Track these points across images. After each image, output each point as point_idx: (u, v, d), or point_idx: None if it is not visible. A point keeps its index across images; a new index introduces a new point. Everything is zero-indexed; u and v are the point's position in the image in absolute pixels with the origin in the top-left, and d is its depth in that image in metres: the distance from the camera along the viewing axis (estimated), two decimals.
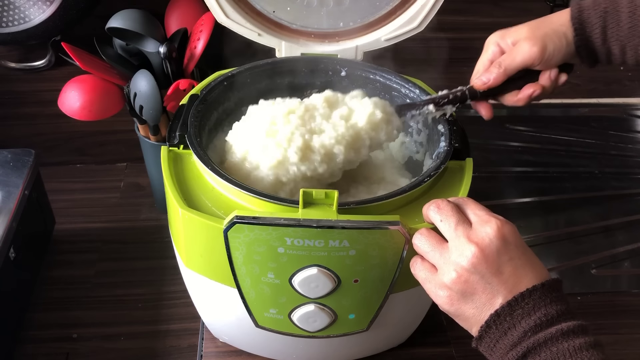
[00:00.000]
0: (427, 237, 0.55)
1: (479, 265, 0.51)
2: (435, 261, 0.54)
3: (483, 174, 1.06)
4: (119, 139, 1.05)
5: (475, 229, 0.52)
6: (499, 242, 0.51)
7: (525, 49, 0.65)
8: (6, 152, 0.84)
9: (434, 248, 0.54)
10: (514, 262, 0.51)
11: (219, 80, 0.74)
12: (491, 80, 0.67)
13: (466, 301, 0.52)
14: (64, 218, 0.95)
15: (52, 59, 0.96)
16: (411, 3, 0.78)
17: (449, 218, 0.54)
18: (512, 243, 0.52)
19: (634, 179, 1.08)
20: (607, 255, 0.92)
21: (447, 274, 0.52)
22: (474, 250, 0.51)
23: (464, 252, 0.52)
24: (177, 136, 0.66)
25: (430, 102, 0.69)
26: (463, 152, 0.66)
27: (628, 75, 1.17)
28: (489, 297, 0.51)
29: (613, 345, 0.79)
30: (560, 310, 0.50)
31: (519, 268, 0.51)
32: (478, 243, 0.51)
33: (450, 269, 0.52)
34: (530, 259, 0.52)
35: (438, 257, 0.54)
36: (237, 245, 0.58)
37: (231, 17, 0.78)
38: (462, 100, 0.68)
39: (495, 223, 0.52)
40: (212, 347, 0.77)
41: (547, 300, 0.50)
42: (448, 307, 0.53)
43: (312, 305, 0.62)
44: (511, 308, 0.50)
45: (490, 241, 0.51)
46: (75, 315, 0.82)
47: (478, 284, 0.51)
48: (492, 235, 0.51)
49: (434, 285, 0.54)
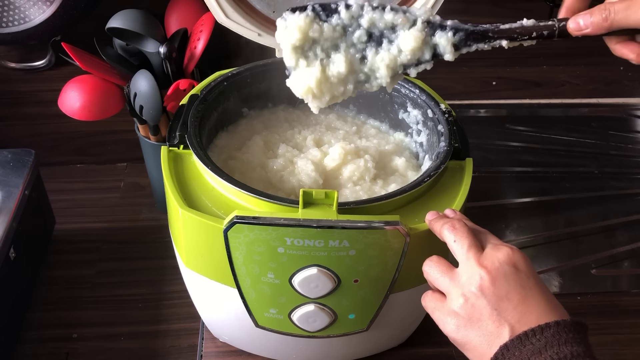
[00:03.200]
0: (437, 264, 0.54)
1: (486, 289, 0.50)
2: (445, 287, 0.53)
3: (483, 174, 1.06)
4: (119, 139, 1.05)
5: (486, 254, 0.51)
6: (509, 268, 0.50)
7: None
8: (6, 152, 0.84)
9: (444, 274, 0.53)
10: (523, 291, 0.49)
11: (219, 80, 0.74)
12: (589, 29, 0.53)
13: (472, 328, 0.50)
14: (64, 218, 0.95)
15: (52, 59, 0.96)
16: (411, 3, 0.78)
17: (462, 239, 0.52)
18: (523, 272, 0.50)
19: (634, 179, 1.08)
20: (607, 255, 0.92)
21: (456, 300, 0.51)
22: (482, 274, 0.50)
23: (473, 275, 0.50)
24: (177, 136, 0.66)
25: (505, 37, 0.56)
26: (463, 152, 0.66)
27: (628, 76, 1.17)
28: (496, 324, 0.49)
29: (613, 345, 0.79)
30: (575, 352, 0.46)
31: (529, 298, 0.49)
32: (487, 267, 0.50)
33: (459, 293, 0.51)
34: (543, 292, 0.50)
35: (447, 282, 0.53)
36: (237, 245, 0.58)
37: (231, 17, 0.78)
38: (549, 37, 0.55)
39: (507, 250, 0.51)
40: (212, 347, 0.77)
41: (562, 340, 0.47)
42: (455, 334, 0.52)
43: (312, 305, 0.62)
44: (521, 342, 0.47)
45: (499, 265, 0.50)
46: (75, 315, 0.82)
47: (485, 309, 0.50)
48: (502, 260, 0.50)
49: (442, 313, 0.53)
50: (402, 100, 0.76)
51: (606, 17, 0.51)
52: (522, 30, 0.56)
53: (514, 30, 0.56)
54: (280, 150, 0.72)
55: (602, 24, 0.52)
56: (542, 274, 0.89)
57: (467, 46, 0.57)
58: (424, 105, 0.73)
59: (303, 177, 0.68)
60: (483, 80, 1.14)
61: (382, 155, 0.74)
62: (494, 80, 1.14)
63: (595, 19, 0.52)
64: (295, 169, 0.69)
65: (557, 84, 1.16)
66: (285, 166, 0.70)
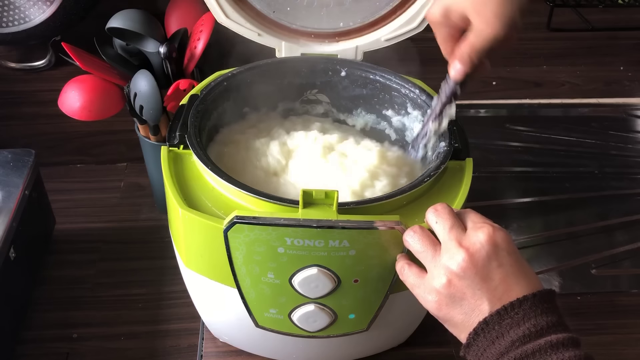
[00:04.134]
0: (421, 236, 0.54)
1: (468, 270, 0.50)
2: (426, 263, 0.54)
3: (483, 174, 1.06)
4: (119, 139, 1.05)
5: (467, 234, 0.52)
6: (490, 248, 0.51)
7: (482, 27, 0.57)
8: (6, 152, 0.84)
9: (426, 249, 0.54)
10: (504, 269, 0.51)
11: (219, 80, 0.74)
12: (468, 67, 0.60)
13: (455, 306, 0.52)
14: (64, 218, 0.95)
15: (52, 59, 0.96)
16: (411, 3, 0.78)
17: (444, 221, 0.53)
18: (504, 250, 0.51)
19: (634, 179, 1.08)
20: (607, 255, 0.92)
21: (437, 278, 0.52)
22: (463, 255, 0.51)
23: (454, 256, 0.51)
24: (177, 136, 0.66)
25: (428, 121, 0.67)
26: (463, 152, 0.66)
27: (628, 76, 1.17)
28: (478, 303, 0.51)
29: (613, 345, 0.79)
30: (550, 321, 0.49)
31: (510, 276, 0.51)
32: (468, 248, 0.51)
33: (441, 272, 0.52)
34: (523, 268, 0.52)
35: (429, 259, 0.53)
36: (237, 245, 0.58)
37: (231, 17, 0.78)
38: (454, 97, 0.64)
39: (487, 229, 0.51)
40: (212, 347, 0.77)
41: (538, 311, 0.49)
42: (437, 312, 0.53)
43: (312, 305, 0.62)
44: (500, 317, 0.49)
45: (481, 246, 0.51)
46: (75, 315, 0.82)
47: (467, 289, 0.51)
48: (483, 240, 0.51)
49: (423, 290, 0.54)
50: (402, 100, 0.76)
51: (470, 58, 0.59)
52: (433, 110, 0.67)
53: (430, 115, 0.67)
54: (279, 150, 0.72)
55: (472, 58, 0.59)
56: (542, 274, 0.89)
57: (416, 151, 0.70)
58: (424, 105, 0.72)
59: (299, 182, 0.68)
60: (483, 80, 1.14)
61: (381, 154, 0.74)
62: (494, 80, 1.14)
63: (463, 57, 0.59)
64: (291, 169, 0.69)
65: (557, 84, 1.16)
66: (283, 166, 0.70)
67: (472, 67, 0.60)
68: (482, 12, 0.57)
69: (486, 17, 0.56)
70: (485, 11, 0.56)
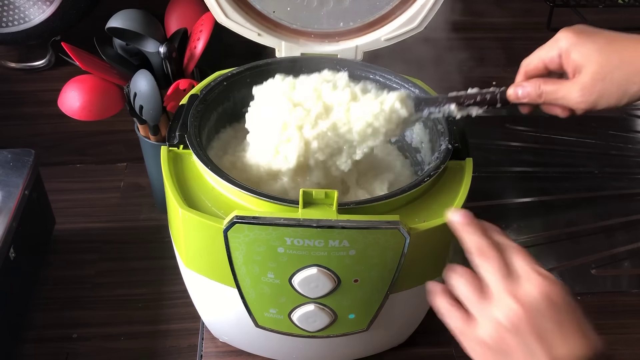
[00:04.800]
0: (467, 282, 0.51)
1: (520, 325, 0.47)
2: (473, 309, 0.50)
3: (483, 174, 1.06)
4: (119, 139, 1.05)
5: (521, 285, 0.49)
6: (544, 303, 0.48)
7: (573, 97, 0.57)
8: (6, 152, 0.84)
9: (474, 294, 0.50)
10: (557, 327, 0.47)
11: (219, 80, 0.74)
12: (525, 100, 0.60)
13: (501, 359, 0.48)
14: (64, 218, 0.95)
15: (52, 59, 0.96)
16: (411, 3, 0.78)
17: (495, 272, 0.50)
18: (560, 306, 0.48)
19: (634, 179, 1.08)
20: (607, 255, 0.92)
21: (486, 330, 0.48)
22: (516, 308, 0.47)
23: (505, 308, 0.48)
24: (177, 136, 0.66)
25: (453, 101, 0.62)
26: (463, 152, 0.66)
27: None
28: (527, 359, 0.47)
29: (613, 345, 0.79)
30: None
31: (564, 333, 0.47)
32: (522, 300, 0.48)
33: (491, 325, 0.48)
34: (579, 324, 0.48)
35: (477, 306, 0.50)
36: (237, 245, 0.58)
37: (231, 17, 0.78)
38: (492, 104, 0.61)
39: (541, 283, 0.48)
40: (212, 347, 0.77)
41: None
42: None
43: (312, 305, 0.62)
44: None
45: (534, 301, 0.48)
46: (75, 315, 0.82)
47: (518, 346, 0.47)
48: (537, 295, 0.48)
49: (469, 339, 0.50)
50: None
51: (540, 95, 0.58)
52: (467, 96, 0.62)
53: (460, 96, 0.62)
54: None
55: (536, 99, 0.59)
56: None
57: (419, 110, 0.64)
58: None
59: None
60: (483, 80, 1.13)
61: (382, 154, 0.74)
62: (494, 80, 1.14)
63: (531, 92, 0.59)
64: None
65: None
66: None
67: (532, 104, 0.60)
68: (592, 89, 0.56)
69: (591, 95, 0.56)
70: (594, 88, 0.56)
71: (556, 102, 0.58)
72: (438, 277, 0.66)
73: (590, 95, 0.56)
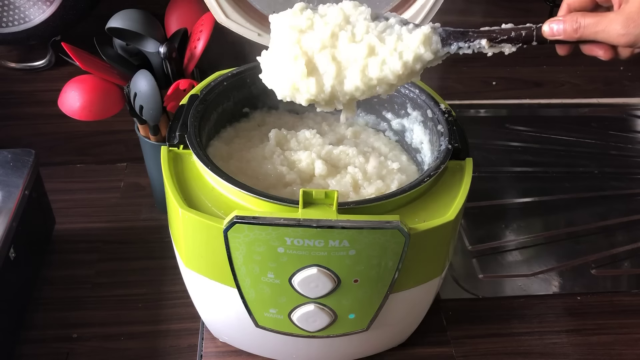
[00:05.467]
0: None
1: None
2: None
3: (483, 174, 1.06)
4: (119, 139, 1.05)
5: None
6: None
7: (615, 30, 0.52)
8: (6, 152, 0.84)
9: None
10: None
11: (219, 80, 0.74)
12: (561, 35, 0.55)
13: None
14: (64, 218, 0.95)
15: (52, 59, 0.96)
16: (411, 3, 0.78)
17: None
18: None
19: (634, 179, 1.08)
20: (607, 255, 0.92)
21: None
22: None
23: None
24: (177, 136, 0.66)
25: (485, 36, 0.57)
26: (463, 152, 0.66)
27: (628, 76, 1.17)
28: None
29: (613, 345, 0.79)
30: None
31: None
32: None
33: None
34: None
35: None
36: (237, 245, 0.58)
37: (231, 17, 0.78)
38: (527, 41, 0.57)
39: None
40: (212, 347, 0.77)
41: None
42: None
43: (312, 305, 0.62)
44: None
45: None
46: (75, 315, 0.82)
47: None
48: None
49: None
50: (401, 100, 0.76)
51: (576, 29, 0.54)
52: (500, 31, 0.57)
53: (493, 31, 0.57)
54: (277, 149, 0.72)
55: (572, 35, 0.54)
56: (542, 274, 0.89)
57: (447, 45, 0.58)
58: (424, 105, 0.73)
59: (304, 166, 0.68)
60: (483, 80, 1.14)
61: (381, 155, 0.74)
62: (494, 80, 1.14)
63: (567, 27, 0.54)
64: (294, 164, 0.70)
65: (557, 84, 1.16)
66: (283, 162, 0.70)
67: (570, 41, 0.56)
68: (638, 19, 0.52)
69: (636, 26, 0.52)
70: None
71: (595, 36, 0.53)
72: (438, 277, 0.66)
73: (636, 28, 0.52)
